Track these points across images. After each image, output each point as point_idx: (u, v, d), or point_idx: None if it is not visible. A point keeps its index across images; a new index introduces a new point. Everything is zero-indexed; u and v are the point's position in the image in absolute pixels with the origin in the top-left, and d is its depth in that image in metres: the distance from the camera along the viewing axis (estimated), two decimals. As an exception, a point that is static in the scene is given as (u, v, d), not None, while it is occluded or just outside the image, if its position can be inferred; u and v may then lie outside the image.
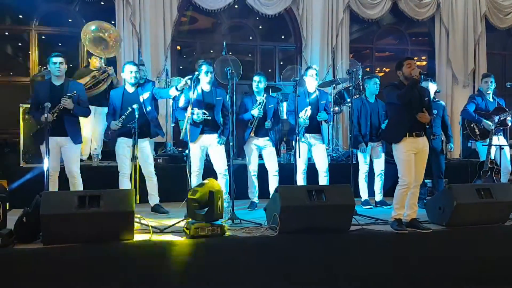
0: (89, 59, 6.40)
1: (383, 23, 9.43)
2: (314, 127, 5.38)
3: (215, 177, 5.00)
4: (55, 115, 4.52)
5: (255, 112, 5.34)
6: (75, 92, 4.62)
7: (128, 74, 4.98)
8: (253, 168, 5.53)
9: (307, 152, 5.48)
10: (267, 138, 5.54)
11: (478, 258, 4.09)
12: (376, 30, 9.47)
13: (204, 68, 5.03)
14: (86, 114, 4.95)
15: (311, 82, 5.48)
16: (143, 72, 6.84)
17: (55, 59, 4.63)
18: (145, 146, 5.01)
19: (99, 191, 3.73)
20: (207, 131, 5.01)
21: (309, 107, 5.27)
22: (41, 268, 3.33)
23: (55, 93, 4.61)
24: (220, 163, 5.08)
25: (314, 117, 5.34)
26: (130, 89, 5.01)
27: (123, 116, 4.77)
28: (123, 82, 5.23)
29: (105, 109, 5.40)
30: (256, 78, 5.55)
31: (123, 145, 4.94)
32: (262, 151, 5.56)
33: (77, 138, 4.76)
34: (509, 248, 4.24)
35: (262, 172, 5.63)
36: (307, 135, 5.38)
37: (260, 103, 5.39)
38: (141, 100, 4.93)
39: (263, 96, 5.47)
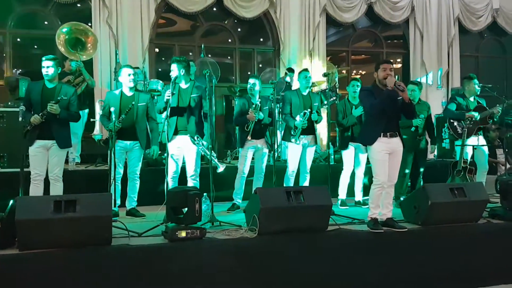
0: (64, 62, 6.31)
1: (359, 26, 9.57)
2: (309, 128, 5.41)
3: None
4: (43, 118, 4.48)
5: (251, 117, 5.35)
6: (62, 96, 4.56)
7: (126, 77, 4.95)
8: (245, 171, 5.53)
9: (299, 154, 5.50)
10: (264, 139, 5.56)
11: (453, 256, 4.21)
12: (352, 33, 9.61)
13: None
14: (75, 119, 4.86)
15: (305, 84, 5.53)
16: (137, 76, 6.81)
17: (43, 63, 4.59)
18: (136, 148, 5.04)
19: (75, 195, 3.68)
20: (181, 132, 4.87)
21: (309, 110, 5.33)
22: (17, 274, 3.28)
23: (46, 96, 4.57)
24: (189, 166, 4.93)
25: (309, 118, 5.37)
26: (128, 93, 5.00)
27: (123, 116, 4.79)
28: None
29: (82, 112, 5.35)
30: (251, 81, 5.55)
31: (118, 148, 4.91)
32: (256, 153, 5.58)
33: (64, 142, 4.68)
34: (482, 246, 4.35)
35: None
36: (302, 136, 5.40)
37: (255, 107, 5.40)
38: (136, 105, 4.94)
39: (258, 100, 5.49)
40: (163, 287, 3.49)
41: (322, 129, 8.11)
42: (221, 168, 4.85)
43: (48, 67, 4.59)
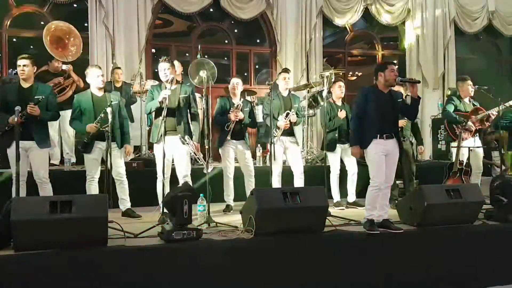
0: (49, 62, 6.27)
1: (355, 28, 9.59)
2: (288, 129, 5.40)
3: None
4: (22, 118, 4.39)
5: (232, 116, 5.35)
6: (42, 96, 4.51)
7: (95, 78, 4.88)
8: (229, 171, 5.53)
9: (282, 154, 5.52)
10: (243, 141, 5.57)
11: (449, 258, 4.22)
12: (348, 35, 9.61)
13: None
14: (54, 118, 4.85)
15: (284, 85, 5.52)
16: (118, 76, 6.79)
17: (18, 62, 4.55)
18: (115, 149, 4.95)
19: (71, 196, 3.67)
20: (169, 132, 4.79)
21: (292, 110, 5.33)
22: (13, 275, 3.27)
23: (23, 96, 4.51)
24: (181, 167, 4.93)
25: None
26: (98, 93, 4.93)
27: (98, 118, 4.72)
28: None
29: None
30: (234, 80, 5.58)
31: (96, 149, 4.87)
32: (238, 154, 5.57)
33: (43, 142, 4.64)
34: (477, 247, 4.37)
35: (237, 174, 5.65)
36: (282, 138, 5.40)
37: (237, 107, 5.40)
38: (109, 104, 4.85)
39: (240, 100, 5.49)
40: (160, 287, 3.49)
41: (318, 130, 8.16)
42: (209, 169, 4.82)
43: (24, 66, 4.54)
